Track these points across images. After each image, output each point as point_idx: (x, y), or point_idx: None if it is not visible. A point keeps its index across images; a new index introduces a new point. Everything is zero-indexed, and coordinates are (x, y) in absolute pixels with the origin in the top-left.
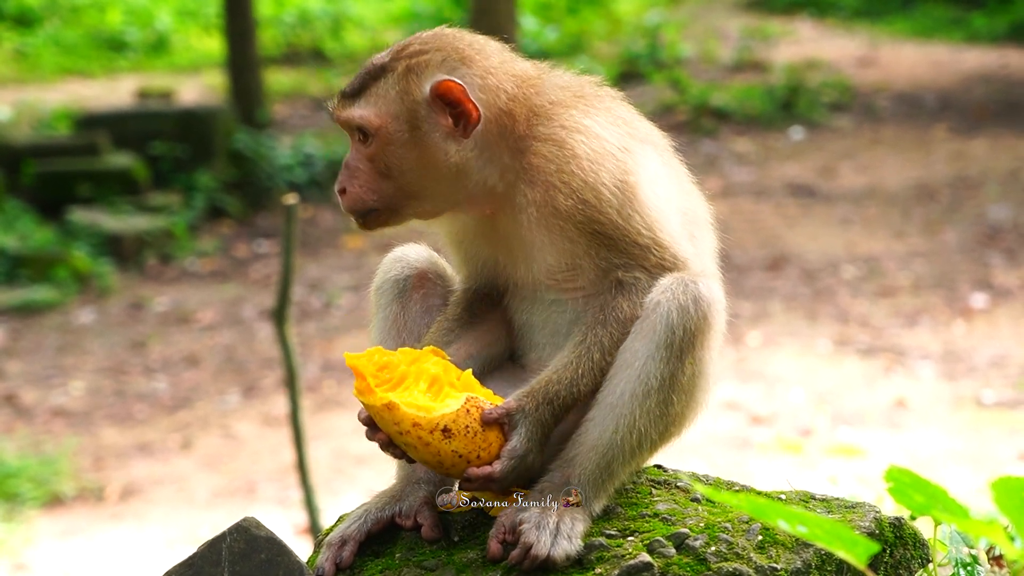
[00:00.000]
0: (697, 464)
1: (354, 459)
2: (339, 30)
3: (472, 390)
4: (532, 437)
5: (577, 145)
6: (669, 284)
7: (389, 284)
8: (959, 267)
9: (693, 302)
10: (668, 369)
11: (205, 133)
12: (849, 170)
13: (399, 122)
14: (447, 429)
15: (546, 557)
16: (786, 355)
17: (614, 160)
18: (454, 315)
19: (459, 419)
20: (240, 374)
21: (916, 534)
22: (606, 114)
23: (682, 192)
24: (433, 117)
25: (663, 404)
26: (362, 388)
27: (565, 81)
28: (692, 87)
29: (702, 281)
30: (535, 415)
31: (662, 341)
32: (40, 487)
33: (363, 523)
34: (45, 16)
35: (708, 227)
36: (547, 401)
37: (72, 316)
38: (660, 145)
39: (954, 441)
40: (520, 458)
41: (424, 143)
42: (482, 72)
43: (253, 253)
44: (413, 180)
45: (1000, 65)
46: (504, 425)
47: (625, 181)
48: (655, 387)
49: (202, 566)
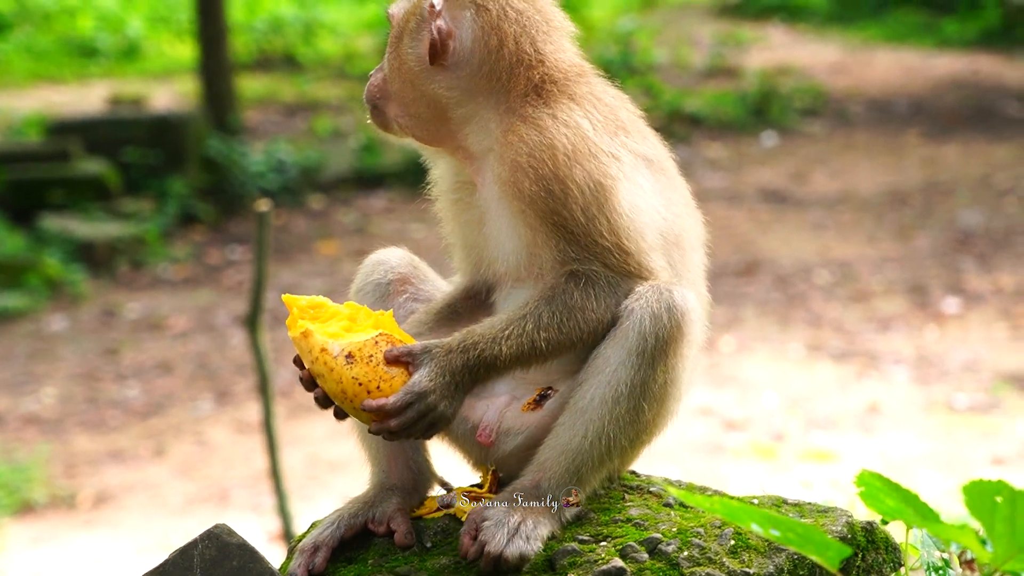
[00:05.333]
0: (670, 470)
1: (327, 465)
2: (311, 36)
3: (393, 332)
4: (435, 379)
5: (558, 136)
6: (643, 291)
7: (371, 287)
8: (931, 272)
9: (667, 310)
10: (639, 376)
11: (177, 139)
12: (822, 176)
13: (399, 25)
14: (351, 355)
15: (499, 555)
16: (759, 360)
17: (595, 162)
18: (434, 308)
19: (364, 347)
20: (213, 380)
21: (888, 538)
22: (609, 122)
23: (671, 212)
24: (422, 35)
25: (633, 411)
26: (289, 322)
27: (593, 83)
28: (665, 93)
29: (677, 290)
30: (443, 359)
31: (634, 348)
32: (11, 495)
33: (336, 529)
34: (16, 22)
35: (697, 249)
36: (461, 349)
37: (44, 323)
38: (661, 167)
39: (926, 445)
40: (418, 395)
41: (402, 55)
42: (496, 20)
43: (226, 259)
44: (397, 89)
45: (971, 71)
46: (408, 364)
47: (600, 183)
48: (625, 393)
49: (174, 573)
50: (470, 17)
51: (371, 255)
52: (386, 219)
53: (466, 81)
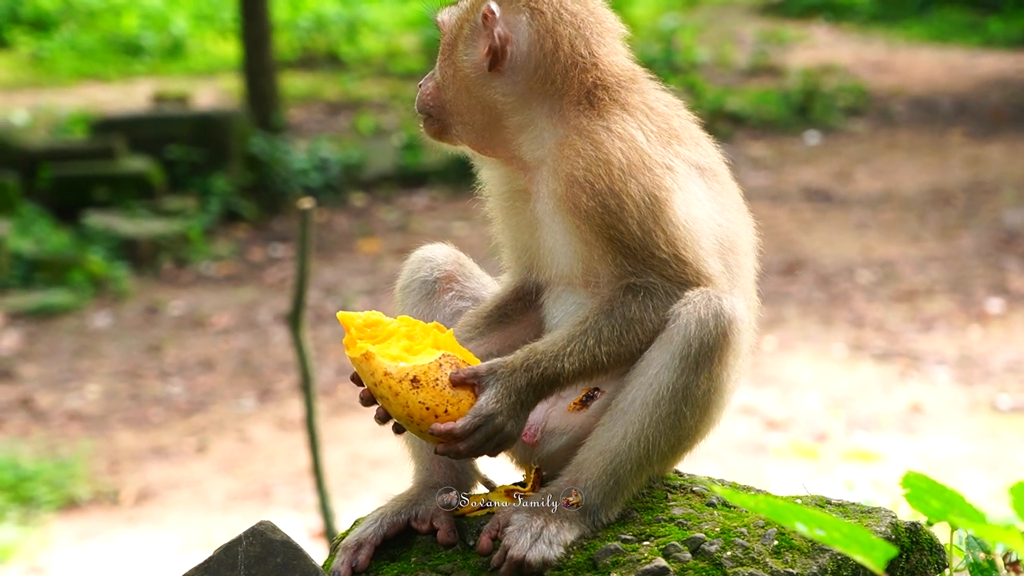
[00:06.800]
0: (712, 469)
1: (369, 463)
2: (354, 34)
3: (454, 352)
4: (501, 399)
5: (614, 151)
6: (692, 297)
7: (417, 284)
8: (975, 272)
9: (714, 316)
10: (682, 380)
11: (221, 137)
12: (865, 175)
13: (451, 33)
14: (416, 379)
15: (521, 560)
16: (801, 360)
17: (650, 174)
18: (484, 311)
19: (429, 371)
20: (255, 378)
21: (932, 539)
22: (661, 131)
23: (725, 219)
24: (478, 41)
25: (675, 415)
26: (346, 341)
27: (645, 91)
28: (707, 91)
29: (727, 297)
30: (508, 379)
31: (677, 351)
32: (56, 490)
33: (379, 527)
34: (62, 20)
35: (749, 254)
36: (525, 368)
37: (88, 320)
38: (714, 173)
39: (970, 446)
40: (486, 418)
41: (457, 63)
42: (552, 23)
43: (268, 257)
44: (452, 97)
45: (1016, 70)
46: (474, 386)
47: (656, 196)
48: (667, 396)
49: (218, 569)
50: (525, 21)
51: (416, 251)
52: (428, 217)
53: (522, 86)
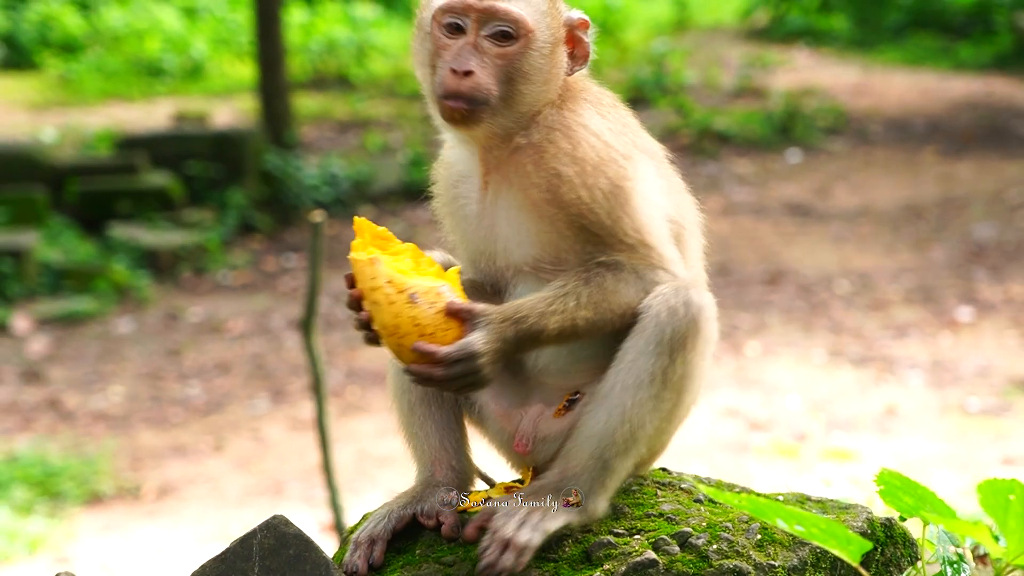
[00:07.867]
0: (699, 467)
1: (376, 461)
2: (363, 58)
3: (454, 287)
4: (489, 343)
5: (588, 147)
6: (662, 290)
7: None
8: (946, 282)
9: (683, 305)
10: (659, 364)
11: (237, 154)
12: (843, 191)
13: (546, 34)
14: (415, 295)
15: (507, 540)
16: (783, 364)
17: (616, 166)
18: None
19: (429, 293)
20: (269, 380)
21: (906, 534)
22: (617, 122)
23: (673, 201)
24: (562, 43)
25: (655, 398)
26: (356, 244)
27: (599, 88)
28: (695, 112)
29: (694, 290)
30: (498, 325)
31: (652, 339)
32: (81, 486)
33: (388, 522)
34: (88, 44)
35: (696, 232)
36: (513, 320)
37: (112, 325)
38: (658, 156)
39: (941, 446)
40: (469, 355)
41: (556, 62)
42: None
43: (281, 267)
44: (526, 91)
45: (985, 92)
46: (466, 322)
47: (621, 187)
48: (646, 380)
49: (234, 561)
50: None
51: None
52: (432, 229)
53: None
